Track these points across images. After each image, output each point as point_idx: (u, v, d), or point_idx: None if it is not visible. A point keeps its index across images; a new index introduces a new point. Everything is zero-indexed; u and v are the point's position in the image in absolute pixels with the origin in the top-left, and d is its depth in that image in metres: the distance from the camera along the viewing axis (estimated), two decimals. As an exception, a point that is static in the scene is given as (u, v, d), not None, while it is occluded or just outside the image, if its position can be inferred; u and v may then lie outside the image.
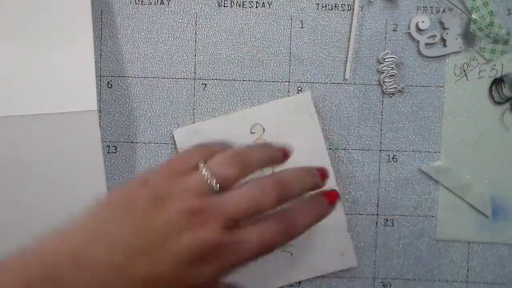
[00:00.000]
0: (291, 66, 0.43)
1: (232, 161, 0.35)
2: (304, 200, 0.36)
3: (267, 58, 0.43)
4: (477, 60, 0.43)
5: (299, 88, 0.43)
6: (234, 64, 0.43)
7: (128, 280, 0.31)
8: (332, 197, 0.37)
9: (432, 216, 0.44)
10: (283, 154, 0.37)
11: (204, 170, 0.34)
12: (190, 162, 0.35)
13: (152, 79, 0.44)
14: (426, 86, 0.43)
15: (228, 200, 0.33)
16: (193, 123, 0.43)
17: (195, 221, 0.32)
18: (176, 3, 0.43)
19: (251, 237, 0.33)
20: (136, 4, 0.43)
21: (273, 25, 0.43)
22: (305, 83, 0.43)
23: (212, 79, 0.43)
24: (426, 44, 0.43)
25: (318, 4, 0.43)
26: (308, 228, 0.35)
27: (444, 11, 0.43)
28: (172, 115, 0.44)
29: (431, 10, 0.43)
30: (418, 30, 0.43)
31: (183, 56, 0.43)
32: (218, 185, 0.33)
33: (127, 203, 0.33)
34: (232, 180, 0.34)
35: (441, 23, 0.43)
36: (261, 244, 0.33)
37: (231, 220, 0.33)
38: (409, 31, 0.43)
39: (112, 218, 0.32)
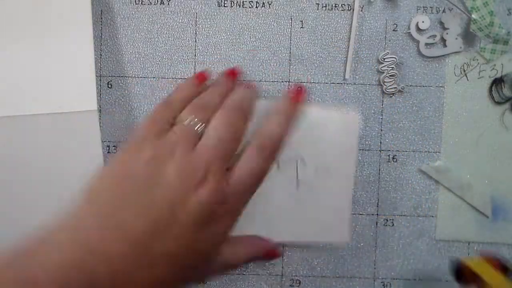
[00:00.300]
0: (291, 66, 0.43)
1: (199, 106, 0.37)
2: (274, 110, 0.38)
3: (267, 58, 0.43)
4: (477, 60, 0.43)
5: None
6: (234, 64, 0.43)
7: (152, 262, 0.31)
8: (298, 96, 0.39)
9: (432, 216, 0.44)
10: (231, 78, 0.40)
11: (187, 120, 0.35)
12: (165, 123, 0.36)
13: (152, 79, 0.44)
14: (426, 86, 0.43)
15: (211, 142, 0.34)
16: None
17: (195, 181, 0.32)
18: (176, 3, 0.43)
19: (242, 172, 0.35)
20: (136, 4, 0.43)
21: (273, 25, 0.43)
22: (305, 83, 0.43)
23: (212, 79, 0.43)
24: (426, 44, 0.43)
25: (318, 4, 0.43)
26: (286, 133, 0.37)
27: (444, 11, 0.43)
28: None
29: (431, 10, 0.43)
30: (418, 30, 0.43)
31: (183, 56, 0.43)
32: (202, 127, 0.35)
33: (127, 178, 0.33)
34: (207, 120, 0.36)
35: (441, 23, 0.43)
36: (253, 175, 0.35)
37: (222, 164, 0.34)
38: (409, 31, 0.43)
39: (119, 199, 0.32)
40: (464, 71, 0.43)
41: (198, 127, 0.35)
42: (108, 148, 0.44)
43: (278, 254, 0.41)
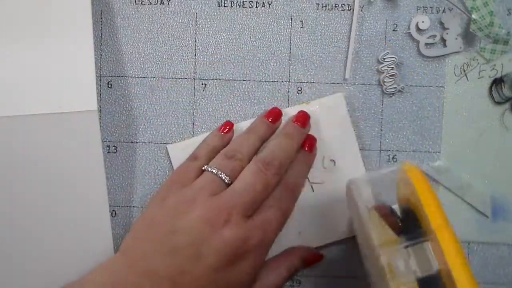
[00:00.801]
0: (291, 66, 0.43)
1: (231, 155, 0.38)
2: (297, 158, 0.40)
3: (267, 58, 0.43)
4: (477, 60, 0.43)
5: (299, 88, 0.43)
6: (234, 64, 0.43)
7: None
8: (310, 145, 0.41)
9: (432, 216, 0.44)
10: (272, 120, 0.41)
11: (211, 169, 0.37)
12: (193, 169, 0.38)
13: (152, 79, 0.44)
14: (426, 86, 0.43)
15: (239, 189, 0.35)
16: (190, 137, 0.44)
17: (217, 223, 0.33)
18: (176, 3, 0.43)
19: (267, 214, 0.36)
20: (136, 4, 0.43)
21: (273, 25, 0.43)
22: (305, 83, 0.43)
23: (212, 79, 0.43)
24: (426, 44, 0.43)
25: (318, 4, 0.43)
26: (305, 178, 0.41)
27: (444, 11, 0.43)
28: (172, 115, 0.44)
29: (431, 10, 0.43)
30: (418, 30, 0.43)
31: (183, 56, 0.43)
32: (227, 177, 0.36)
33: (153, 227, 0.35)
34: (236, 170, 0.37)
35: (441, 23, 0.43)
36: (279, 218, 0.36)
37: (247, 209, 0.35)
38: (409, 31, 0.43)
39: (147, 247, 0.34)
40: (464, 71, 0.43)
41: (224, 176, 0.36)
42: (108, 148, 0.44)
43: (320, 257, 0.42)
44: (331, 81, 0.43)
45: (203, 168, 0.38)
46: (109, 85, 0.44)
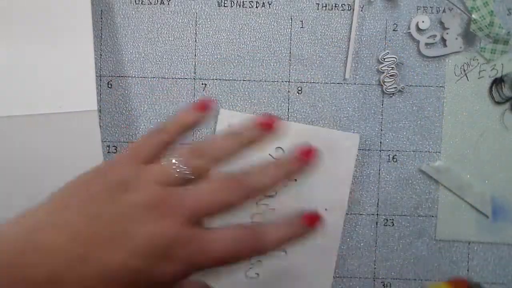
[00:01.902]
0: (291, 66, 0.43)
1: (199, 152, 0.33)
2: (282, 218, 0.34)
3: (267, 58, 0.43)
4: (477, 60, 0.43)
5: (299, 88, 0.43)
6: (234, 64, 0.43)
7: (86, 271, 0.29)
8: (311, 221, 0.34)
9: (432, 216, 0.44)
10: (265, 126, 0.34)
11: (173, 160, 0.33)
12: (154, 149, 0.34)
13: (152, 79, 0.44)
14: (426, 86, 0.43)
15: (191, 193, 0.32)
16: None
17: (156, 213, 0.31)
18: (176, 3, 0.43)
19: (217, 237, 0.32)
20: (136, 4, 0.43)
21: (273, 25, 0.43)
22: (305, 83, 0.43)
23: (212, 79, 0.43)
24: (426, 44, 0.43)
25: (318, 4, 0.43)
26: (279, 246, 0.33)
27: (444, 11, 0.43)
28: (172, 115, 0.44)
29: (431, 10, 0.43)
30: (418, 30, 0.43)
31: (183, 56, 0.43)
32: (187, 175, 0.32)
33: (87, 190, 0.32)
34: (199, 171, 0.33)
35: (441, 23, 0.43)
36: (226, 249, 0.32)
37: (193, 215, 0.32)
38: (409, 31, 0.43)
39: (72, 204, 0.31)
40: (464, 71, 0.43)
41: (186, 172, 0.32)
42: (108, 148, 0.44)
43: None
44: (331, 81, 0.43)
45: (167, 158, 0.33)
46: (109, 85, 0.44)
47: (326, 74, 0.43)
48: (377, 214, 0.44)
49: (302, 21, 0.43)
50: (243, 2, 0.43)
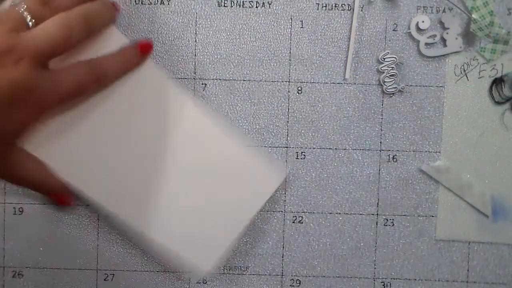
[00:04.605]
0: (291, 66, 0.43)
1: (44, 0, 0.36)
2: (118, 50, 0.39)
3: (267, 58, 0.43)
4: (477, 60, 0.43)
5: (299, 88, 0.43)
6: (234, 64, 0.43)
7: None
8: (144, 48, 0.40)
9: (432, 216, 0.44)
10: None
11: (19, 7, 0.35)
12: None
13: (152, 79, 0.44)
14: (426, 86, 0.43)
15: (38, 35, 0.34)
16: None
17: (6, 60, 0.32)
18: (176, 3, 0.43)
19: (63, 76, 0.35)
20: (136, 4, 0.43)
21: (273, 25, 0.43)
22: (305, 83, 0.43)
23: (212, 79, 0.43)
24: (426, 44, 0.43)
25: (318, 4, 0.43)
26: (117, 74, 0.39)
27: (444, 11, 0.43)
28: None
29: (431, 10, 0.43)
30: (418, 30, 0.43)
31: (183, 56, 0.43)
32: (32, 20, 0.34)
33: None
34: (45, 17, 0.35)
35: (441, 23, 0.43)
36: (73, 84, 0.35)
37: (42, 56, 0.34)
38: (409, 31, 0.43)
39: None
40: (464, 71, 0.43)
41: (29, 18, 0.35)
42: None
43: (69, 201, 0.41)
44: (331, 81, 0.43)
45: (12, 3, 0.36)
46: (109, 85, 0.44)
47: (326, 74, 0.43)
48: (377, 214, 0.44)
49: (302, 21, 0.43)
50: (243, 2, 0.43)
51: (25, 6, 0.35)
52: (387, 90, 0.43)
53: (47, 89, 0.34)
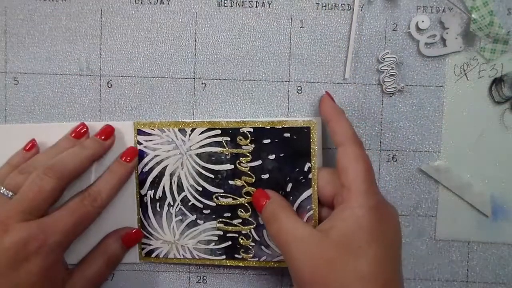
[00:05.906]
0: (291, 66, 0.43)
1: (21, 171, 0.39)
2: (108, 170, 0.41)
3: (267, 58, 0.43)
4: (477, 59, 0.43)
5: (299, 88, 0.43)
6: (234, 64, 0.43)
7: None
8: (128, 155, 0.42)
9: (432, 216, 0.44)
10: (75, 136, 0.41)
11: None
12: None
13: (152, 79, 0.44)
14: (426, 86, 0.43)
15: (15, 199, 0.37)
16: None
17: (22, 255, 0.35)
18: (176, 2, 0.43)
19: (60, 215, 0.37)
20: (136, 4, 0.43)
21: (273, 25, 0.43)
22: (305, 83, 0.43)
23: (212, 79, 0.44)
24: (426, 43, 0.43)
25: (318, 4, 0.43)
26: (113, 191, 0.41)
27: (444, 10, 0.43)
28: (172, 115, 0.44)
29: (431, 9, 0.43)
30: (418, 29, 0.43)
31: (183, 56, 0.43)
32: (10, 192, 0.38)
33: None
34: (17, 187, 0.38)
35: (441, 23, 0.43)
36: (73, 218, 0.37)
37: (27, 212, 0.36)
38: (409, 30, 0.43)
39: None
40: (464, 70, 0.43)
41: (6, 192, 0.38)
42: (108, 148, 0.44)
43: (138, 233, 0.43)
44: (331, 81, 0.43)
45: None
46: (109, 85, 0.44)
47: (326, 74, 0.43)
48: (377, 214, 0.44)
49: (302, 21, 0.43)
50: (243, 2, 0.43)
51: (4, 183, 0.39)
52: (387, 90, 0.43)
53: (41, 237, 0.36)
